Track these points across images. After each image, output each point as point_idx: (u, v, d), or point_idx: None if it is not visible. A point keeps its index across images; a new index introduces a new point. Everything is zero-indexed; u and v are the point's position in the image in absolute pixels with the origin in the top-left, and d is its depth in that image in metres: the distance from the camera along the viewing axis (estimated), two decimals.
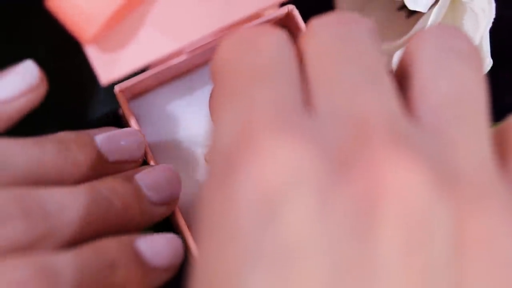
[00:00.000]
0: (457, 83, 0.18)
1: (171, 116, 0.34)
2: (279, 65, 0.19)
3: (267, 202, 0.16)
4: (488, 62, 0.33)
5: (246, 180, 0.16)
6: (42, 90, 0.27)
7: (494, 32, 0.34)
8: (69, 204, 0.24)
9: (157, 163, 0.31)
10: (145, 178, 0.28)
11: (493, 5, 0.33)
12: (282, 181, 0.16)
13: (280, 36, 0.20)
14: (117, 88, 0.31)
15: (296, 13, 0.32)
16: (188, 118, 0.34)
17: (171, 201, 0.28)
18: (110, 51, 0.24)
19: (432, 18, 0.33)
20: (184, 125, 0.34)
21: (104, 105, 0.34)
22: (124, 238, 0.25)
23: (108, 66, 0.24)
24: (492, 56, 0.33)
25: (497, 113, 0.39)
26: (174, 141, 0.33)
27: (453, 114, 0.18)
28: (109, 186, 0.26)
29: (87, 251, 0.24)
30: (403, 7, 0.36)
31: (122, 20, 0.24)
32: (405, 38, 0.35)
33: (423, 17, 0.34)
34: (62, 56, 0.33)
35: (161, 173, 0.28)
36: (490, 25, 0.33)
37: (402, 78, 0.19)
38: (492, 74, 0.34)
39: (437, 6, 0.33)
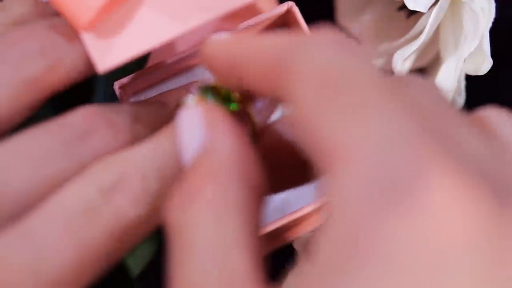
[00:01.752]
0: None
1: None
2: None
3: (444, 256, 0.15)
4: (488, 62, 0.33)
5: (428, 226, 0.15)
6: None
7: (494, 32, 0.34)
8: None
9: None
10: None
11: (493, 5, 0.33)
12: (463, 237, 0.15)
13: None
14: (116, 85, 0.31)
15: (296, 10, 0.32)
16: None
17: None
18: (107, 38, 0.23)
19: (432, 18, 0.33)
20: None
21: (104, 102, 0.34)
22: None
23: (105, 53, 0.23)
24: (492, 56, 0.33)
25: None
26: None
27: None
28: None
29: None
30: (403, 7, 0.36)
31: (119, 5, 0.23)
32: (405, 38, 0.35)
33: (423, 17, 0.34)
34: None
35: None
36: (490, 25, 0.33)
37: None
38: (492, 74, 0.34)
39: (437, 6, 0.33)
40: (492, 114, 0.20)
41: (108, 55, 0.23)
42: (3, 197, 0.21)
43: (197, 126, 0.22)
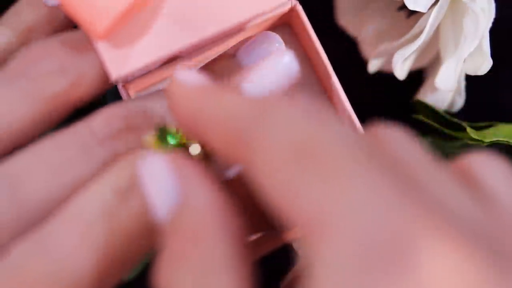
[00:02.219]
0: None
1: None
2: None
3: None
4: (488, 62, 0.34)
5: None
6: None
7: (494, 32, 0.34)
8: None
9: None
10: None
11: (493, 5, 0.33)
12: None
13: None
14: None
15: (300, 8, 0.31)
16: None
17: None
18: (122, 47, 0.23)
19: (432, 18, 0.33)
20: None
21: (107, 99, 0.34)
22: None
23: (119, 62, 0.23)
24: (492, 56, 0.33)
25: (497, 113, 0.39)
26: None
27: None
28: None
29: None
30: (403, 7, 0.36)
31: (134, 14, 0.24)
32: (405, 38, 0.35)
33: (423, 17, 0.34)
34: None
35: None
36: (490, 25, 0.33)
37: None
38: (492, 74, 0.34)
39: (437, 6, 0.33)
40: (474, 161, 0.19)
41: (122, 64, 0.23)
42: (22, 204, 0.21)
43: (164, 177, 0.20)
